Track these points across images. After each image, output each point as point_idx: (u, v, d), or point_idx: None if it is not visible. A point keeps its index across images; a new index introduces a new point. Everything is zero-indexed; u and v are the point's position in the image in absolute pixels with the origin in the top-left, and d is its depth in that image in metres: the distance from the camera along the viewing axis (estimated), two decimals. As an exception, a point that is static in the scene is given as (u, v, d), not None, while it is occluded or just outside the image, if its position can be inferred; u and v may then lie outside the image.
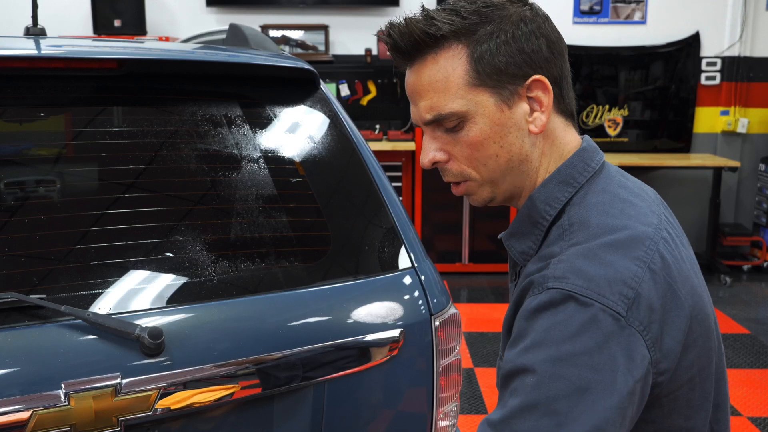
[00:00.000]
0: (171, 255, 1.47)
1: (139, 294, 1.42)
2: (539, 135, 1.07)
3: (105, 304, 1.38)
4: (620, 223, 0.99)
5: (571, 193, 1.06)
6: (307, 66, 1.85)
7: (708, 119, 6.37)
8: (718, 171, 6.01)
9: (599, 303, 0.91)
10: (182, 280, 1.46)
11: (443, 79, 1.04)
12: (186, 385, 1.35)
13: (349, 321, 1.54)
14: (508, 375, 0.96)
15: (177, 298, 1.43)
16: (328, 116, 1.84)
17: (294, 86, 1.87)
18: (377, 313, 1.59)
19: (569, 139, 1.11)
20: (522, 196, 1.11)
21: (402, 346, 1.59)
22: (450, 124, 1.06)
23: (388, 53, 5.23)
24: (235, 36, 2.18)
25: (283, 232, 1.62)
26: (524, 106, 1.05)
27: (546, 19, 1.07)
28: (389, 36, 1.06)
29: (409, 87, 1.08)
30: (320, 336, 1.50)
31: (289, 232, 1.63)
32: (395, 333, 1.57)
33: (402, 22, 1.05)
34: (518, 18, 1.04)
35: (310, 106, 1.85)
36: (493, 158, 1.06)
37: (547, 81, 1.04)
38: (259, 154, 1.69)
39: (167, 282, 1.45)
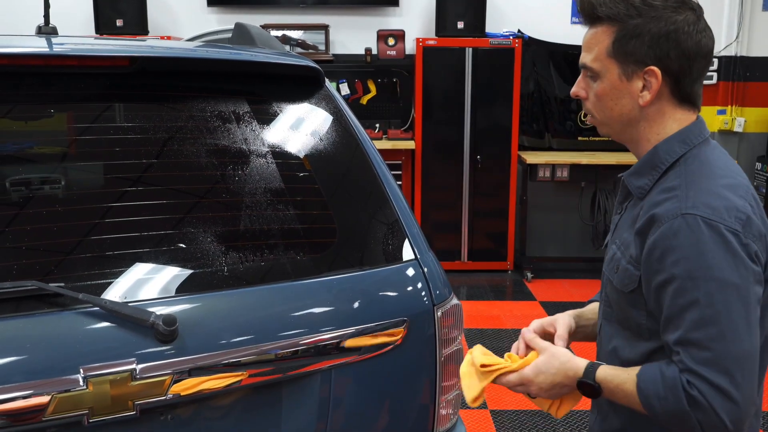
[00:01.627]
0: (183, 246, 1.52)
1: (153, 283, 1.47)
2: (646, 107, 1.40)
3: (120, 292, 1.43)
4: (727, 173, 1.36)
5: (686, 149, 1.40)
6: (312, 64, 1.90)
7: (705, 118, 6.33)
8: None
9: (722, 224, 1.28)
10: (194, 270, 1.51)
11: (595, 44, 1.42)
12: (199, 371, 1.40)
13: (354, 310, 1.60)
14: (664, 283, 1.31)
15: (189, 288, 1.49)
16: (333, 113, 1.89)
17: (300, 84, 1.92)
18: (381, 303, 1.64)
19: (679, 116, 1.42)
20: (637, 146, 1.46)
21: (405, 336, 1.64)
22: (590, 73, 1.44)
23: (387, 53, 5.15)
24: (241, 35, 2.23)
25: (290, 225, 1.67)
26: (638, 84, 1.39)
27: (692, 24, 1.37)
28: (579, 3, 1.45)
29: (583, 38, 1.46)
30: (326, 325, 1.55)
31: (296, 224, 1.68)
32: (399, 323, 1.63)
33: None
34: (662, 20, 1.36)
35: (316, 103, 1.90)
36: (608, 109, 1.44)
37: (659, 73, 1.37)
38: (266, 150, 1.74)
39: (180, 272, 1.50)
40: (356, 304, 1.60)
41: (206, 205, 1.62)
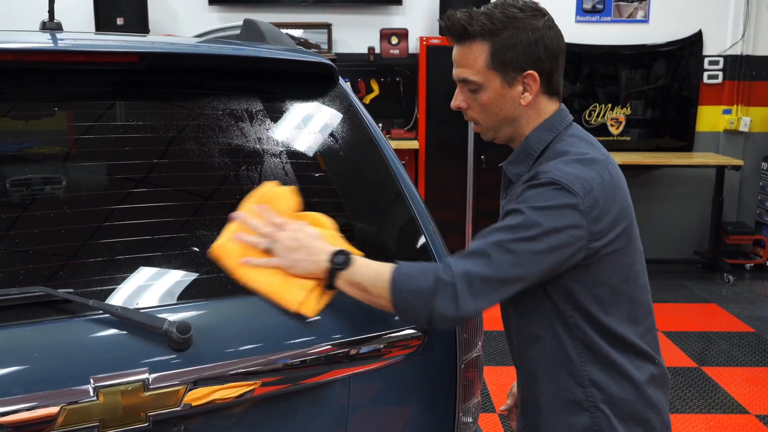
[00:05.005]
0: (197, 249, 1.46)
1: (165, 288, 1.41)
2: (526, 106, 1.55)
3: (132, 298, 1.37)
4: (585, 151, 1.52)
5: (553, 136, 1.56)
6: (326, 61, 1.84)
7: (710, 118, 6.37)
8: (720, 170, 6.01)
9: (568, 186, 1.42)
10: (208, 274, 1.45)
11: (471, 60, 1.53)
12: (214, 381, 1.34)
13: (374, 315, 1.53)
14: (503, 215, 1.49)
15: (203, 293, 1.43)
16: (348, 111, 1.84)
17: (313, 81, 1.86)
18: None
19: (551, 108, 1.59)
20: (515, 140, 1.60)
21: (426, 341, 1.58)
22: (471, 87, 1.55)
23: (390, 52, 5.15)
24: (250, 31, 2.17)
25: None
26: (519, 88, 1.54)
27: (550, 28, 1.53)
28: (445, 23, 1.55)
29: (453, 56, 1.57)
30: (345, 331, 1.49)
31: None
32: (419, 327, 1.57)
33: (454, 15, 1.53)
34: (528, 29, 1.50)
35: (330, 101, 1.84)
36: (493, 115, 1.57)
37: (536, 75, 1.52)
38: (280, 149, 1.68)
39: (193, 276, 1.44)
40: (376, 309, 1.54)
41: (220, 208, 1.56)
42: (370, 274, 1.45)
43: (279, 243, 1.47)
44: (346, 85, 1.90)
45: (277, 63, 1.80)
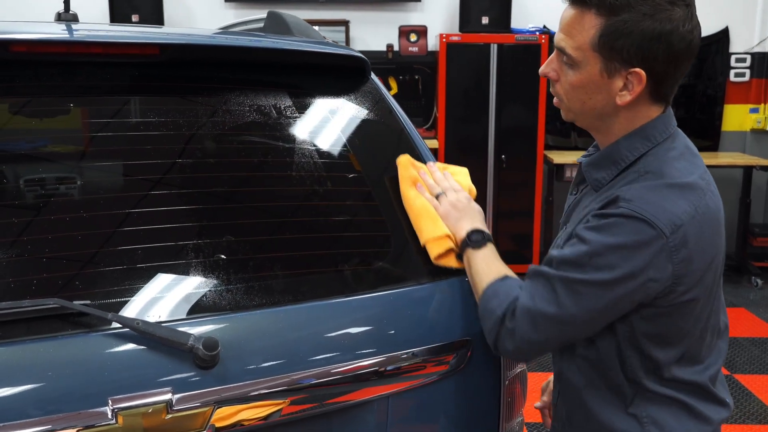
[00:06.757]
0: (224, 257, 1.35)
1: (190, 300, 1.29)
2: (622, 106, 1.31)
3: (154, 310, 1.25)
4: (684, 174, 1.28)
5: (648, 147, 1.32)
6: (359, 54, 1.73)
7: (737, 117, 6.22)
8: (748, 170, 5.85)
9: (652, 223, 1.21)
10: (236, 284, 1.33)
11: (577, 31, 1.29)
12: (243, 400, 1.23)
13: (414, 329, 1.42)
14: (571, 235, 1.32)
15: (230, 305, 1.31)
16: (382, 108, 1.72)
17: (343, 76, 1.75)
18: (443, 321, 1.46)
19: (652, 113, 1.34)
20: (599, 134, 1.39)
21: (470, 356, 1.46)
22: (566, 59, 1.32)
23: (409, 49, 5.00)
24: (275, 23, 2.06)
25: (340, 232, 1.49)
26: (619, 82, 1.29)
27: (686, 21, 1.26)
28: None
29: (561, 16, 1.33)
30: (383, 345, 1.37)
31: (346, 232, 1.50)
32: (462, 342, 1.45)
33: None
34: (657, 18, 1.23)
35: (362, 97, 1.72)
36: (580, 101, 1.34)
37: (644, 76, 1.27)
38: (311, 148, 1.57)
39: (220, 287, 1.32)
40: (415, 322, 1.42)
41: (247, 211, 1.45)
42: (481, 269, 1.43)
43: (447, 196, 1.55)
44: (378, 81, 1.79)
45: (308, 56, 1.68)
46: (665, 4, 1.24)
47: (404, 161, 1.58)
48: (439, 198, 1.55)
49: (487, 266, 1.43)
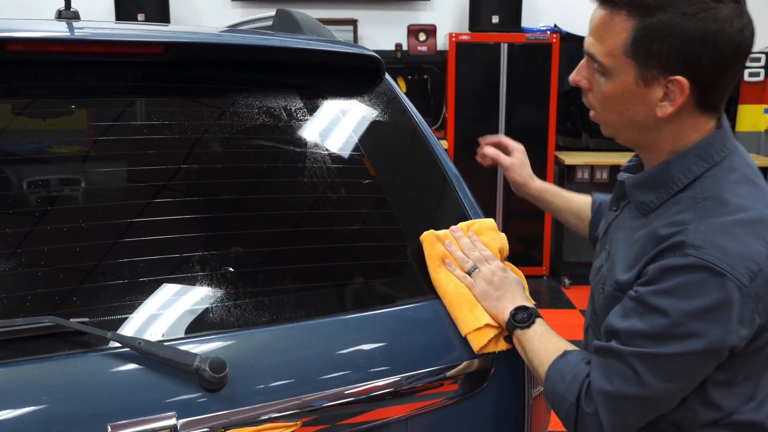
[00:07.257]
0: (231, 269, 1.26)
1: (195, 316, 1.21)
2: (663, 118, 1.16)
3: (157, 328, 1.17)
4: (750, 203, 1.13)
5: (705, 168, 1.17)
6: (372, 53, 1.64)
7: (751, 117, 6.12)
8: (763, 171, 5.75)
9: (729, 274, 1.07)
10: (244, 299, 1.25)
11: (608, 35, 1.15)
12: (253, 424, 1.14)
13: (433, 346, 1.33)
14: (635, 300, 1.14)
15: (239, 321, 1.22)
16: (397, 110, 1.63)
17: (356, 76, 1.66)
18: (463, 337, 1.37)
19: (705, 127, 1.19)
20: (644, 152, 1.25)
21: (493, 374, 1.37)
22: (597, 66, 1.18)
23: (418, 49, 4.86)
24: (285, 22, 1.98)
25: (354, 242, 1.41)
26: (659, 92, 1.14)
27: (736, 19, 1.11)
28: None
29: (591, 18, 1.19)
30: (400, 364, 1.29)
31: (361, 242, 1.42)
32: (484, 359, 1.36)
33: None
34: (699, 17, 1.09)
35: (376, 99, 1.64)
36: (616, 113, 1.20)
37: (686, 84, 1.12)
38: (323, 153, 1.48)
39: (227, 302, 1.24)
40: (436, 338, 1.34)
41: (256, 221, 1.37)
42: (537, 349, 1.31)
43: (481, 271, 1.41)
44: (393, 81, 1.70)
45: (319, 55, 1.60)
46: (710, 1, 1.09)
47: (428, 239, 1.42)
48: (473, 275, 1.41)
49: (542, 345, 1.31)
